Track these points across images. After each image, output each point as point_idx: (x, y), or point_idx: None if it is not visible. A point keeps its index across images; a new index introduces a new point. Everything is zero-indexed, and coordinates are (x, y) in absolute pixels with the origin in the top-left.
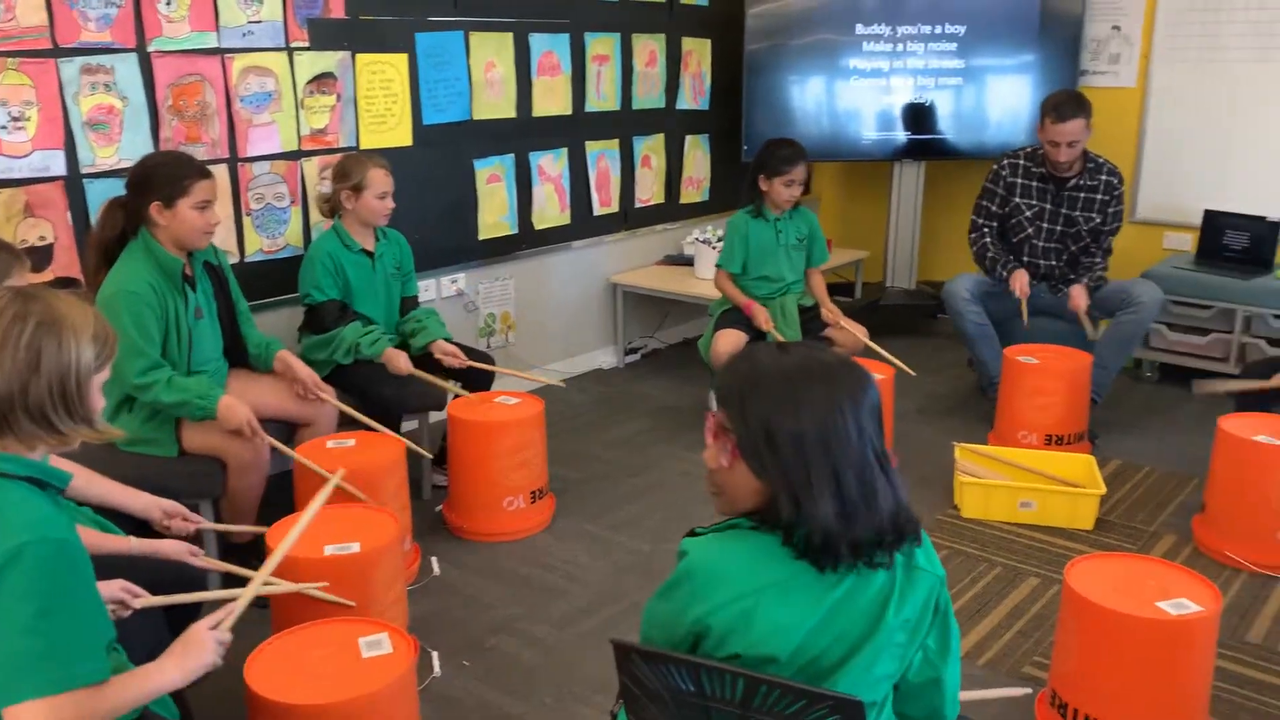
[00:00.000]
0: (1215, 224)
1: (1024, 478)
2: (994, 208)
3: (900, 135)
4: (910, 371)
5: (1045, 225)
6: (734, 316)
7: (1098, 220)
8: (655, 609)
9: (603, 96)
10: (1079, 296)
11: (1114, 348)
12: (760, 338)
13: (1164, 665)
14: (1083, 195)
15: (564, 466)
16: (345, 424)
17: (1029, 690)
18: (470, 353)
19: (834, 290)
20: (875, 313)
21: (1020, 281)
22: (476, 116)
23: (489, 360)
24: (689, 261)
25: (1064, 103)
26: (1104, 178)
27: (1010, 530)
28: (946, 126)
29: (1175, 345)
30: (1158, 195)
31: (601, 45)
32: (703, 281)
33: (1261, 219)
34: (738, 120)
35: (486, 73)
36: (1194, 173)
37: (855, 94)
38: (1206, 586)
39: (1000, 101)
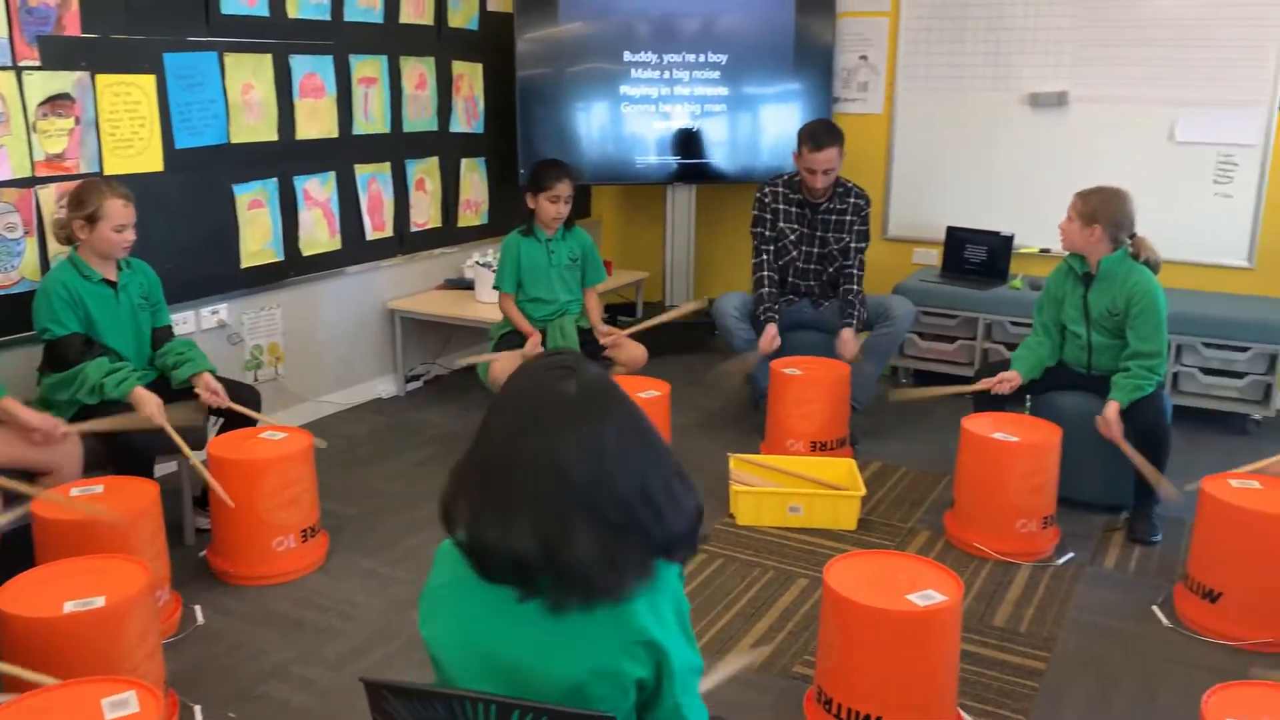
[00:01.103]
0: (957, 239)
1: (792, 483)
2: (767, 232)
3: (672, 160)
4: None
5: (805, 248)
6: (514, 339)
7: (848, 239)
8: None
9: (371, 119)
10: (848, 344)
11: (873, 358)
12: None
13: (915, 654)
14: (834, 218)
15: (340, 501)
16: (92, 467)
17: (763, 649)
18: (236, 387)
19: (617, 310)
20: (657, 331)
21: (766, 341)
22: (234, 140)
23: (254, 396)
24: (469, 285)
25: (819, 132)
26: (852, 200)
27: (781, 535)
28: (714, 151)
29: (926, 353)
30: (906, 214)
31: (368, 67)
32: (484, 305)
33: (996, 234)
34: (514, 143)
35: (244, 95)
36: (937, 192)
37: (628, 119)
38: (951, 578)
39: (763, 128)
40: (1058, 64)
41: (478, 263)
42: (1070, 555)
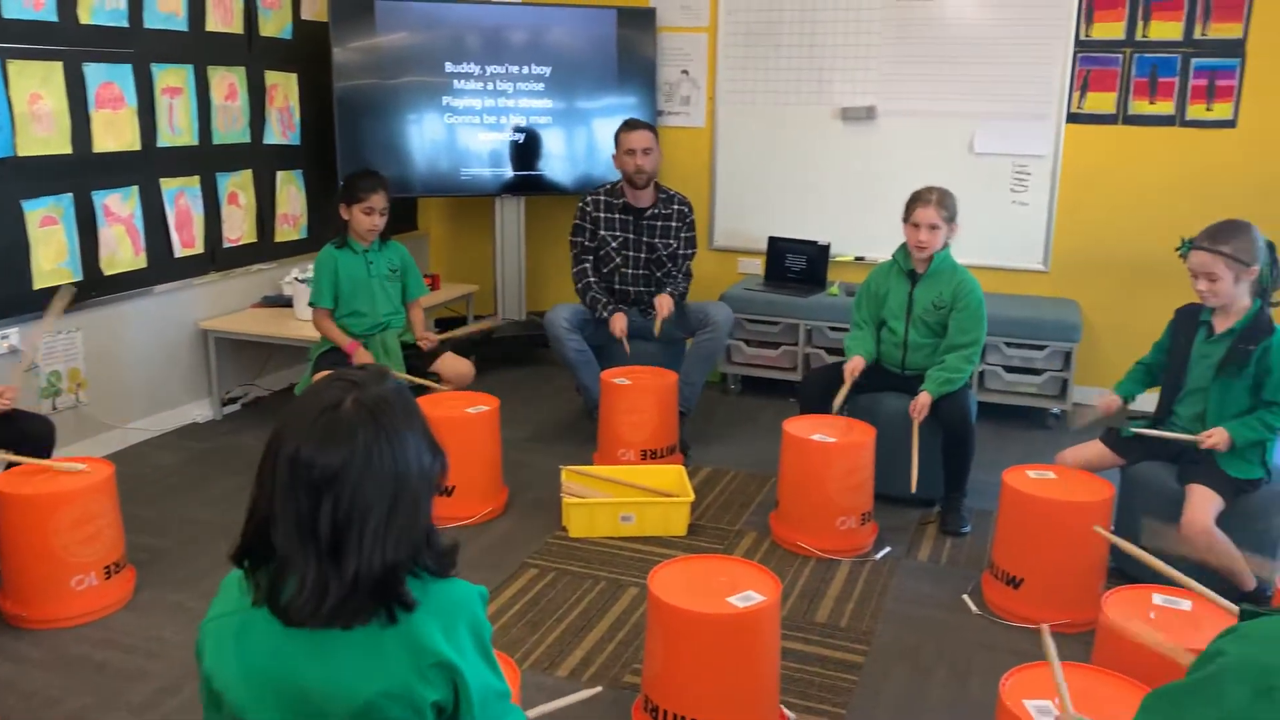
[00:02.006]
0: (778, 249)
1: (623, 492)
2: (586, 242)
3: (499, 171)
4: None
5: (630, 254)
6: (334, 357)
7: (674, 245)
8: None
9: (178, 131)
10: (664, 304)
11: (697, 365)
12: None
13: (735, 655)
14: (659, 224)
15: (149, 534)
16: None
17: (599, 689)
18: (27, 419)
19: (447, 324)
20: (489, 345)
21: (619, 325)
22: (22, 153)
23: (46, 428)
24: (288, 302)
25: (631, 119)
26: (675, 207)
27: (614, 544)
28: (542, 163)
29: (753, 359)
30: (731, 224)
31: (172, 77)
32: (304, 323)
33: (814, 243)
34: (333, 156)
35: (31, 105)
36: (759, 203)
37: (452, 131)
38: (770, 578)
39: (590, 139)
40: (866, 79)
41: (297, 279)
42: (888, 549)
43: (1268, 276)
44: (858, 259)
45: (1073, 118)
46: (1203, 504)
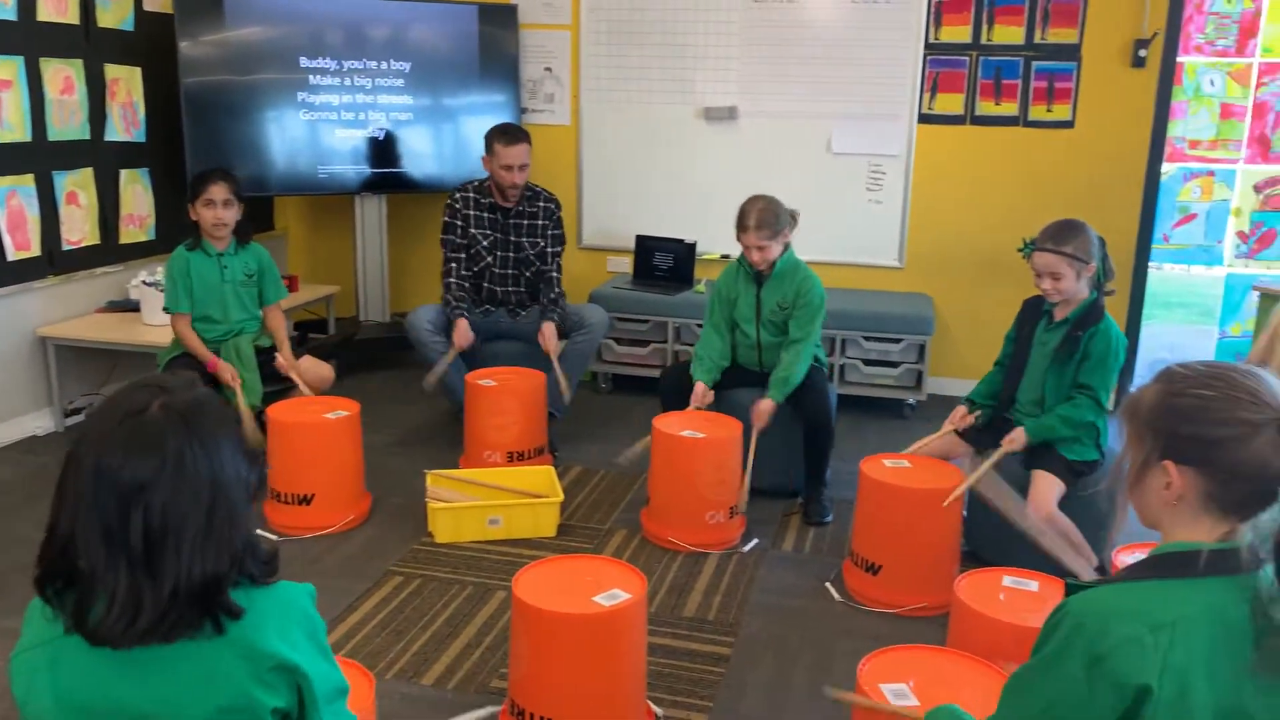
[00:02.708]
0: (646, 247)
1: (490, 495)
2: (457, 239)
3: (359, 169)
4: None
5: (500, 253)
6: (185, 362)
7: (542, 244)
8: None
9: (8, 126)
10: (549, 340)
11: (570, 366)
12: None
13: (602, 654)
14: (526, 222)
15: None
16: None
17: (494, 709)
18: None
19: (307, 327)
20: (351, 348)
21: (459, 335)
22: None
23: None
24: (135, 307)
25: (510, 128)
26: (542, 204)
27: (481, 549)
28: (404, 161)
29: (623, 357)
30: (599, 223)
31: (0, 69)
32: (152, 328)
33: (681, 241)
34: (182, 153)
35: None
36: (627, 202)
37: (309, 128)
38: (636, 575)
39: (453, 137)
40: (727, 80)
41: (144, 282)
42: (755, 541)
43: (1101, 270)
44: (724, 256)
45: (924, 118)
46: (1045, 489)
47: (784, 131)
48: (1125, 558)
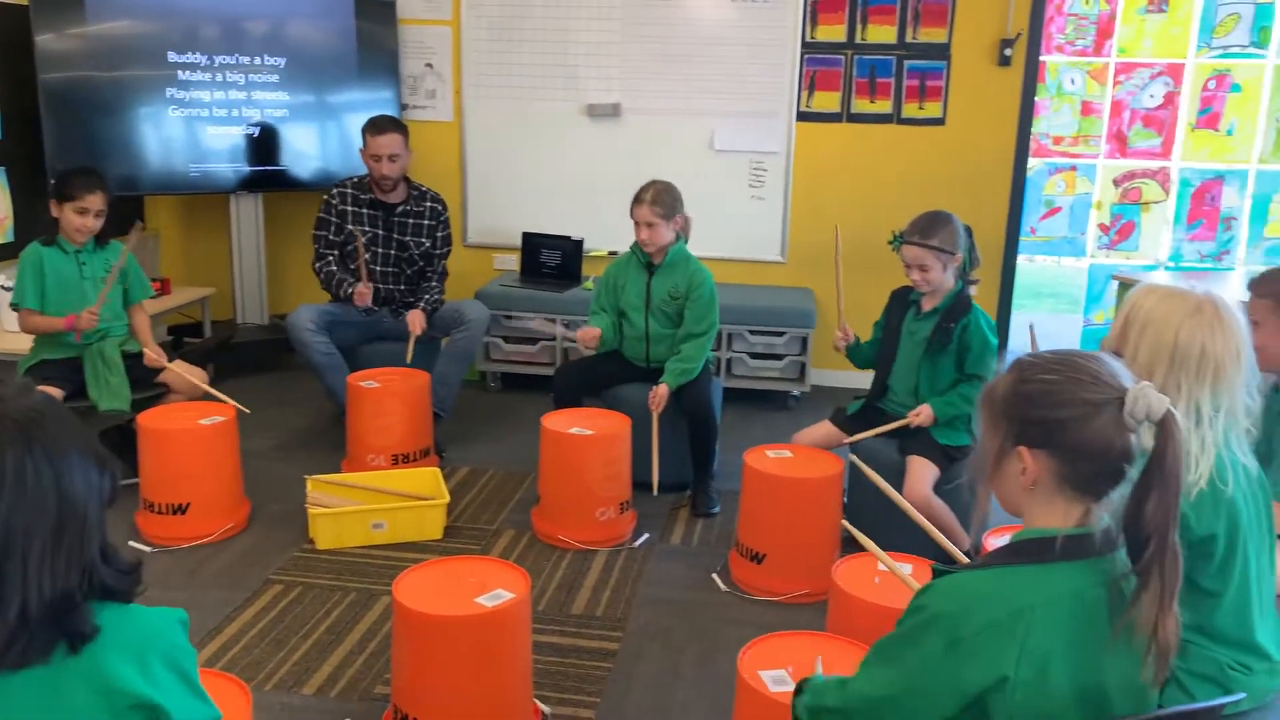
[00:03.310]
0: (533, 244)
1: (374, 499)
2: (331, 236)
3: (234, 167)
4: (245, 409)
5: (380, 250)
6: (48, 370)
7: (428, 244)
8: None
9: None
10: (415, 321)
11: (453, 364)
12: None
13: (485, 655)
14: (411, 221)
15: None
16: None
17: None
18: None
19: (181, 331)
20: (228, 351)
21: (363, 297)
22: None
23: None
24: None
25: (379, 119)
26: (429, 204)
27: (365, 554)
28: (280, 158)
29: (512, 355)
30: (484, 220)
31: None
32: (11, 335)
33: (568, 238)
34: (41, 151)
35: None
36: (511, 199)
37: (179, 125)
38: (520, 575)
39: (332, 133)
40: (610, 76)
41: (2, 286)
42: (646, 536)
43: (967, 260)
44: (611, 253)
45: (802, 116)
46: (920, 474)
47: (667, 128)
48: (995, 541)
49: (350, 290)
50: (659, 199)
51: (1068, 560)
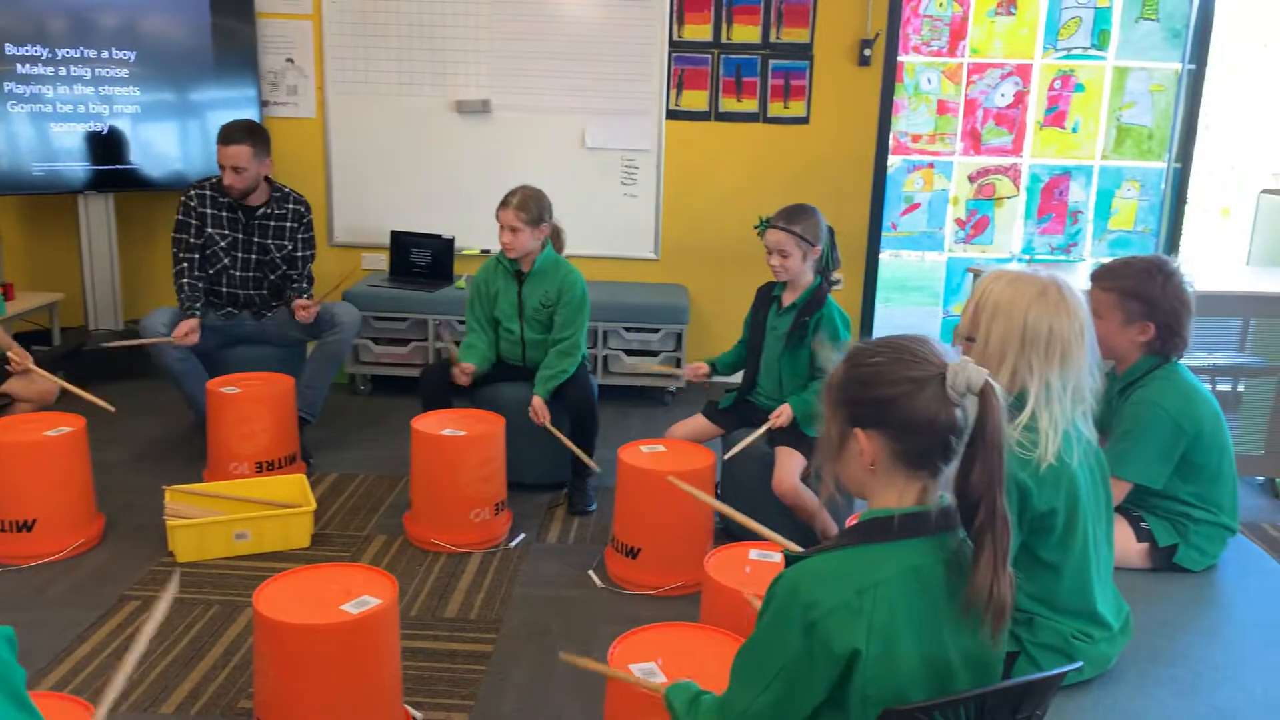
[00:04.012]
0: (402, 243)
1: (237, 509)
2: (190, 239)
3: (83, 166)
4: (110, 408)
5: (240, 255)
6: None
7: (290, 247)
8: None
9: None
10: (301, 310)
11: (321, 367)
12: None
13: (351, 664)
14: (273, 224)
15: None
16: None
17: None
18: None
19: (29, 339)
20: (80, 359)
21: (182, 329)
22: None
23: None
24: None
25: (228, 129)
26: (291, 206)
27: (229, 565)
28: (133, 157)
29: (382, 357)
30: (351, 219)
31: None
32: None
33: (439, 237)
34: None
35: None
36: (379, 197)
37: (18, 121)
38: (388, 580)
39: (189, 131)
40: (479, 73)
41: None
42: (522, 536)
43: (828, 256)
44: (483, 251)
45: (671, 114)
46: (789, 465)
47: (539, 126)
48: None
49: (186, 317)
50: (525, 204)
51: (908, 538)
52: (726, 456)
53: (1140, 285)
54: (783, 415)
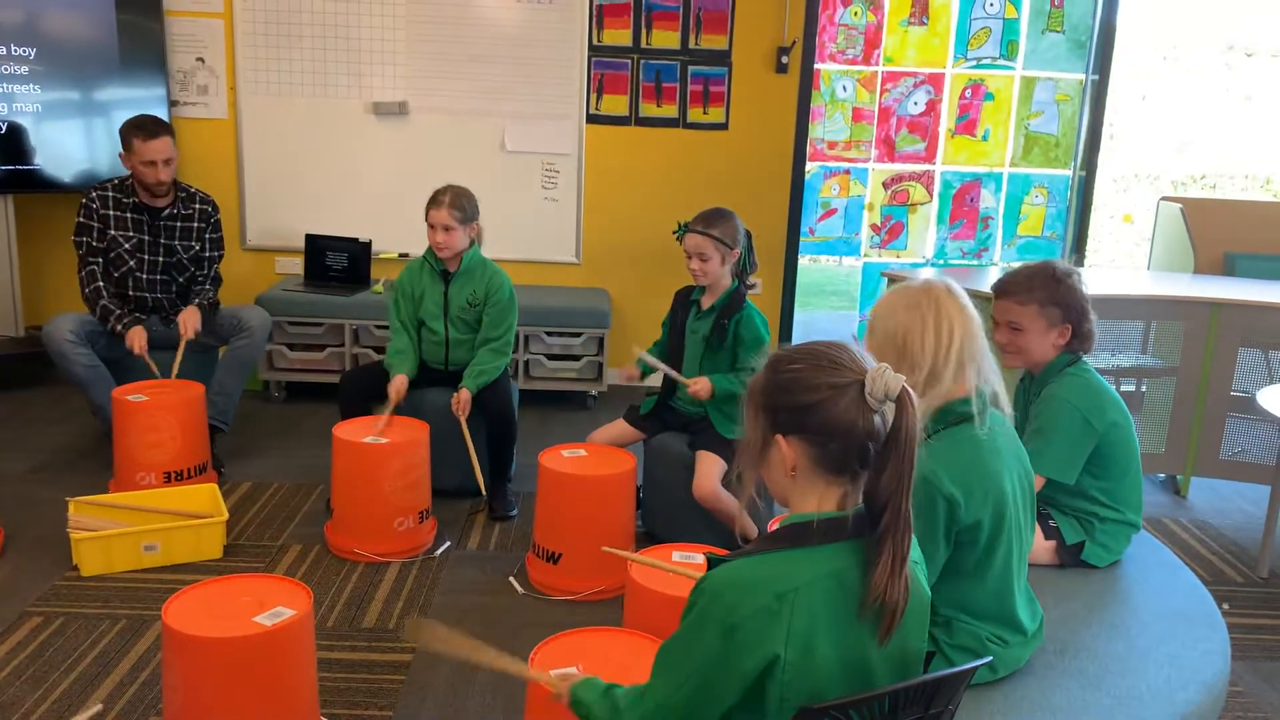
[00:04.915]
0: (317, 247)
1: (144, 520)
2: (94, 242)
3: None
4: None
5: (147, 257)
6: None
7: (198, 248)
8: None
9: None
10: (187, 322)
11: (232, 374)
12: None
13: (263, 676)
14: (179, 225)
15: None
16: None
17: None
18: None
19: None
20: None
21: (138, 340)
22: None
23: None
24: None
25: (147, 122)
26: (198, 206)
27: (137, 578)
28: (34, 157)
29: (297, 363)
30: (265, 222)
31: None
32: None
33: (355, 240)
34: None
35: None
36: (294, 199)
37: None
38: (302, 590)
39: (93, 130)
40: (396, 75)
41: None
42: (447, 544)
43: (745, 259)
44: (401, 255)
45: (591, 118)
46: (709, 469)
47: (457, 129)
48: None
49: (123, 328)
50: (457, 203)
51: (827, 543)
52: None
53: (1053, 292)
54: (700, 385)
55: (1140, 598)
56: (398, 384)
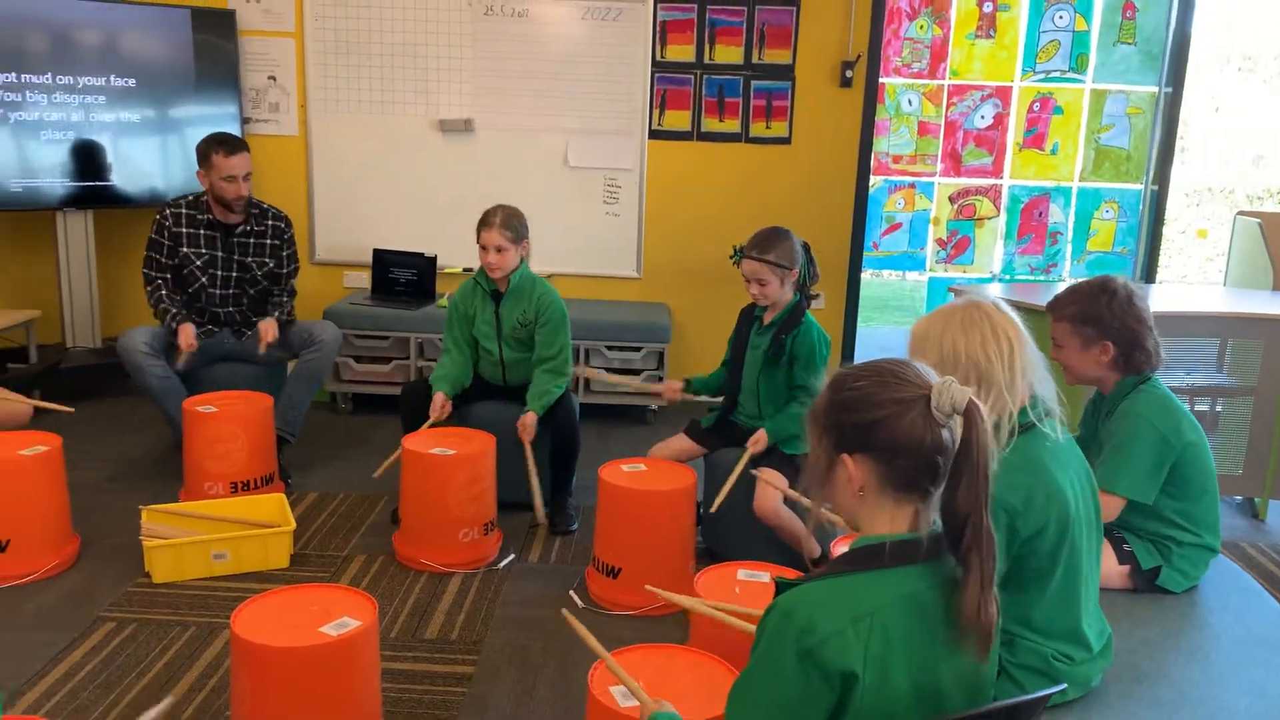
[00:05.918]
0: (384, 262)
1: (214, 529)
2: (163, 259)
3: (61, 183)
4: (68, 410)
5: (219, 273)
6: None
7: (271, 264)
8: None
9: None
10: (268, 329)
11: (301, 386)
12: None
13: (329, 686)
14: (253, 241)
15: None
16: None
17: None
18: None
19: (4, 356)
20: (57, 377)
21: (185, 335)
22: None
23: None
24: None
25: (226, 138)
26: (270, 223)
27: (207, 586)
28: (113, 174)
29: (363, 376)
30: (334, 237)
31: None
32: None
33: (421, 255)
34: None
35: None
36: (361, 215)
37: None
38: (367, 601)
39: (169, 148)
40: (462, 92)
41: None
42: (511, 556)
43: (806, 274)
44: (466, 270)
45: (654, 134)
46: (768, 487)
47: (521, 144)
48: (843, 548)
49: (175, 325)
50: (509, 223)
51: (900, 565)
52: (713, 509)
53: (1086, 309)
54: (759, 442)
55: (1219, 624)
56: (437, 402)
